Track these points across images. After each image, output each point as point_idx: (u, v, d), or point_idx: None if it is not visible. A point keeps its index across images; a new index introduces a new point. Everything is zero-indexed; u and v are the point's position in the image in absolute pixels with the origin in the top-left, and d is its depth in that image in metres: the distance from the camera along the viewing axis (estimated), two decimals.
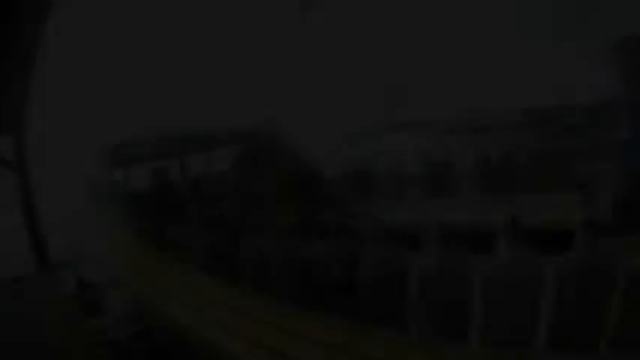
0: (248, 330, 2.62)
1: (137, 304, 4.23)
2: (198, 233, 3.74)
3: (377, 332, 2.26)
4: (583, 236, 2.02)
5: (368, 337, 2.25)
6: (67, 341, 4.08)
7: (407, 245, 3.27)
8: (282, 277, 2.91)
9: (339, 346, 2.22)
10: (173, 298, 3.27)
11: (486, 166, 6.36)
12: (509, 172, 6.19)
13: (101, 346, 4.13)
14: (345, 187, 6.85)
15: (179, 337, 3.48)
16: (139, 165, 5.94)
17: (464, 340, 2.23)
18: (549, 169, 5.90)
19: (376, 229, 2.46)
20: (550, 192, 5.74)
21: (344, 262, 2.59)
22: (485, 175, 6.33)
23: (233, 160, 6.74)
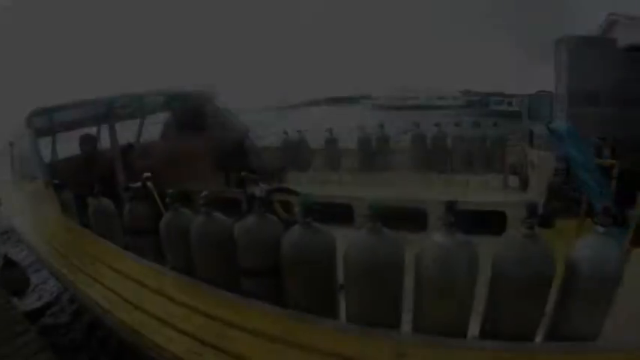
0: (173, 317, 2.33)
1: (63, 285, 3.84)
2: (121, 206, 3.37)
3: (312, 320, 2.08)
4: (521, 221, 1.85)
5: (303, 325, 2.05)
6: None
7: (338, 221, 3.05)
8: (204, 255, 2.61)
9: (271, 335, 1.98)
10: (93, 279, 2.92)
11: (421, 145, 6.29)
12: (443, 152, 6.16)
13: (33, 329, 3.76)
14: (279, 159, 6.63)
15: (100, 324, 3.15)
16: (66, 132, 5.43)
17: (396, 327, 2.09)
18: (484, 152, 5.91)
19: (307, 203, 2.18)
20: (485, 174, 5.75)
21: (270, 241, 2.31)
22: (420, 152, 6.27)
23: (163, 128, 6.31)
